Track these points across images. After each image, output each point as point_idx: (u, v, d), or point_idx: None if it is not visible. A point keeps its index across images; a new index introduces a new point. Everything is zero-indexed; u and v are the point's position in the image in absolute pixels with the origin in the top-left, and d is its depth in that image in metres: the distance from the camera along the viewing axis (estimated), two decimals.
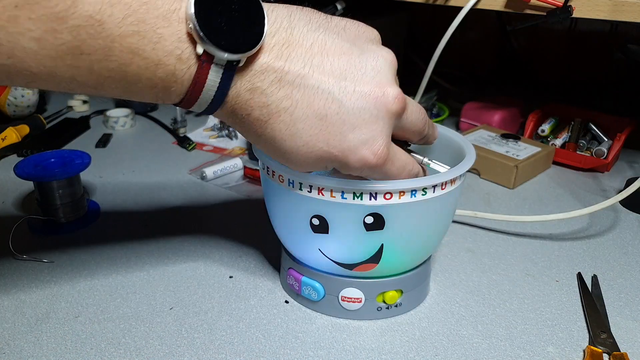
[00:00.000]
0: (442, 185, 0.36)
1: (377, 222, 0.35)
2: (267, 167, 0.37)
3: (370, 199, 0.34)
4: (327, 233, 0.36)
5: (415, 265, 0.41)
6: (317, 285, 0.40)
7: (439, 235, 0.41)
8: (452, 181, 0.37)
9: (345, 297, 0.40)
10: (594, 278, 0.46)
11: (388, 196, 0.34)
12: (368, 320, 0.40)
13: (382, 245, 0.36)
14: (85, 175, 0.62)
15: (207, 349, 0.38)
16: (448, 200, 0.37)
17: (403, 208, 0.35)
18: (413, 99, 0.78)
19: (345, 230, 0.36)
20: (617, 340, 0.39)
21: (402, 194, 0.34)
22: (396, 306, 0.41)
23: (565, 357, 0.38)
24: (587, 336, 0.40)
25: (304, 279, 0.41)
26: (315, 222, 0.36)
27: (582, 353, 0.38)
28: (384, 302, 0.40)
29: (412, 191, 0.34)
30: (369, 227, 0.35)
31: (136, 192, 0.59)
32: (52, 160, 0.52)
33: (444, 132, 0.44)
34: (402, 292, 0.40)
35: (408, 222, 0.36)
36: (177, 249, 0.49)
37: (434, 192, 0.35)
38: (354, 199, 0.34)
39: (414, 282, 0.41)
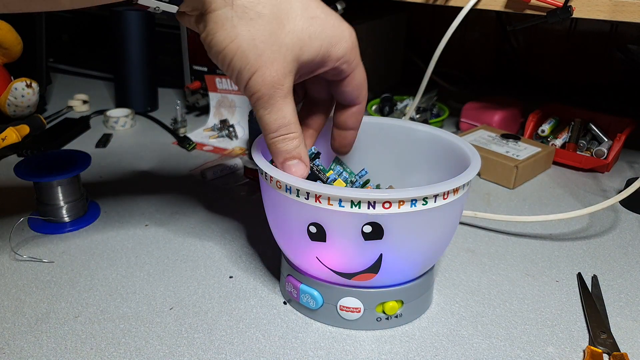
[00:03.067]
0: (444, 195, 0.34)
1: (376, 232, 0.34)
2: (265, 173, 0.37)
3: (368, 208, 0.33)
4: (325, 241, 0.36)
5: (416, 275, 0.40)
6: (316, 293, 0.39)
7: (441, 245, 0.39)
8: (455, 191, 0.35)
9: (344, 307, 0.39)
10: (594, 278, 0.46)
11: (387, 205, 0.33)
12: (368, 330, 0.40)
13: (381, 255, 0.36)
14: (85, 175, 0.62)
15: (207, 349, 0.38)
16: (450, 210, 0.36)
17: (402, 218, 0.34)
18: (413, 99, 0.77)
19: (343, 239, 0.35)
20: (617, 340, 0.39)
21: (401, 203, 0.33)
22: (396, 317, 0.40)
23: (565, 357, 0.38)
24: (587, 336, 0.40)
25: (302, 286, 0.40)
26: (313, 229, 0.36)
27: (582, 353, 0.38)
28: (384, 312, 0.39)
29: (412, 200, 0.33)
30: (367, 237, 0.35)
31: (136, 192, 0.59)
32: (52, 160, 0.52)
33: (448, 137, 0.43)
34: (402, 302, 0.39)
35: (408, 232, 0.35)
36: (177, 249, 0.49)
37: (435, 201, 0.34)
38: (351, 207, 0.33)
39: (415, 293, 0.40)
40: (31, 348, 0.37)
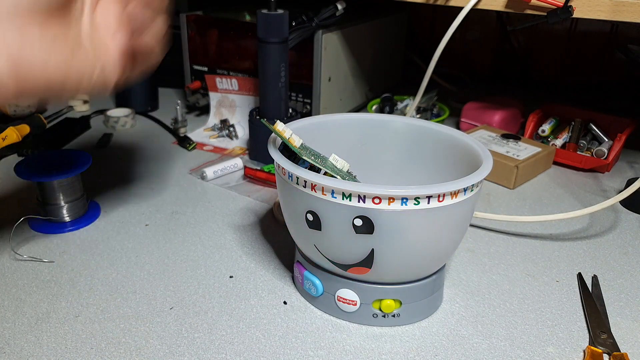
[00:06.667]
0: (439, 197, 0.34)
1: (366, 226, 0.35)
2: (275, 160, 0.38)
3: (358, 201, 0.34)
4: (320, 230, 0.36)
5: (416, 277, 0.39)
6: (317, 281, 0.40)
7: (441, 249, 0.38)
8: (454, 194, 0.35)
9: (341, 298, 0.40)
10: (594, 278, 0.46)
11: (377, 200, 0.33)
12: (365, 325, 0.40)
13: (373, 250, 0.36)
14: (85, 175, 0.62)
15: (207, 348, 0.38)
16: (449, 214, 0.35)
17: (393, 215, 0.34)
18: (413, 99, 0.77)
19: (336, 229, 0.36)
20: (617, 340, 0.39)
21: (391, 200, 0.33)
22: (394, 316, 0.40)
23: (565, 357, 0.38)
24: (587, 336, 0.40)
25: (306, 273, 0.41)
26: (310, 217, 0.37)
27: (582, 353, 0.38)
28: (380, 309, 0.39)
29: (402, 199, 0.33)
30: (358, 230, 0.35)
31: (136, 192, 0.59)
32: (53, 160, 0.52)
33: (461, 137, 0.43)
34: (400, 302, 0.39)
35: (399, 231, 0.35)
36: (177, 249, 0.49)
37: (428, 203, 0.34)
38: (343, 199, 0.34)
39: (415, 295, 0.40)
40: (31, 348, 0.37)
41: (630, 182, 0.59)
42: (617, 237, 0.53)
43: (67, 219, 0.52)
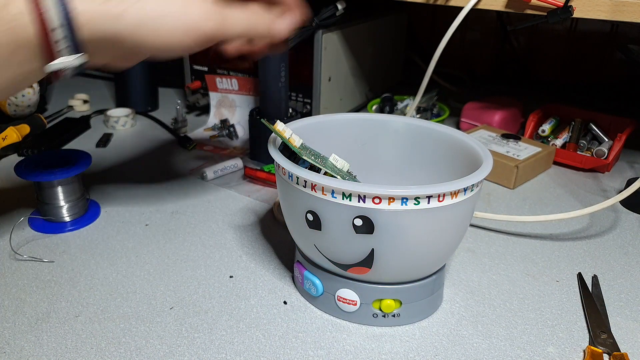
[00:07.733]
0: (439, 197, 0.34)
1: (366, 226, 0.35)
2: (275, 161, 0.38)
3: (358, 201, 0.34)
4: (320, 230, 0.37)
5: (416, 277, 0.39)
6: (317, 281, 0.40)
7: (441, 249, 0.38)
8: (454, 194, 0.35)
9: (341, 298, 0.40)
10: (594, 278, 0.46)
11: (377, 200, 0.33)
12: (365, 325, 0.40)
13: (373, 250, 0.36)
14: (85, 175, 0.62)
15: (207, 348, 0.38)
16: (449, 214, 0.35)
17: (393, 215, 0.34)
18: (413, 99, 0.77)
19: (336, 229, 0.36)
20: (617, 340, 0.39)
21: (391, 200, 0.33)
22: (394, 316, 0.40)
23: (565, 357, 0.38)
24: (587, 336, 0.40)
25: (306, 273, 0.41)
26: (310, 217, 0.37)
27: (582, 353, 0.38)
28: (380, 309, 0.39)
29: (402, 199, 0.33)
30: (358, 230, 0.35)
31: (136, 191, 0.59)
32: (53, 160, 0.52)
33: (461, 137, 0.43)
34: (400, 302, 0.39)
35: (399, 231, 0.35)
36: (177, 248, 0.49)
37: (428, 203, 0.34)
38: (343, 199, 0.34)
39: (415, 295, 0.40)
40: (31, 347, 0.37)
41: (630, 182, 0.59)
42: (617, 237, 0.53)
43: (67, 219, 0.52)
